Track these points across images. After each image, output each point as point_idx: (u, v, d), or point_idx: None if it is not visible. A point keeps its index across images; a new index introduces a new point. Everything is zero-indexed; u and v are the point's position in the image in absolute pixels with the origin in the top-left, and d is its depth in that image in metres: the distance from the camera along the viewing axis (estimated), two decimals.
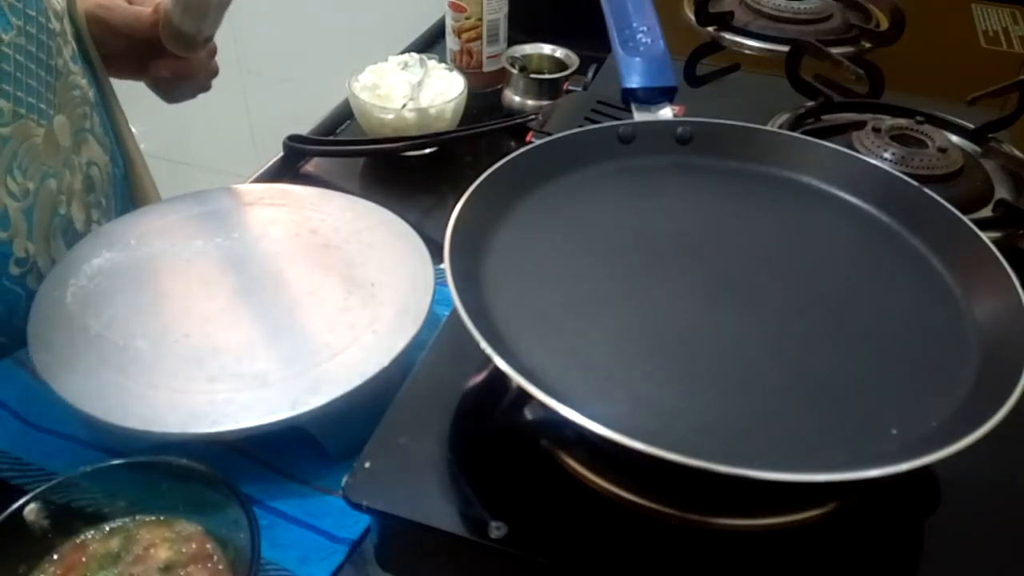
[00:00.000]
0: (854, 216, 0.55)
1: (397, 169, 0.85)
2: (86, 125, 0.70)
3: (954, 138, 0.75)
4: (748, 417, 0.43)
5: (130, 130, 0.80)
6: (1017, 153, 0.73)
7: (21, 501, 0.47)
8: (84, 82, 0.70)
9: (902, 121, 0.74)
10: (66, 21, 0.68)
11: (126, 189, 0.79)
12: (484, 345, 0.40)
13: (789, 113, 0.78)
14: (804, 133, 0.68)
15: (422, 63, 0.88)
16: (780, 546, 0.43)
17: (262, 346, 0.56)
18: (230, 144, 1.65)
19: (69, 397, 0.52)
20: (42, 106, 0.63)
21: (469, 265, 0.48)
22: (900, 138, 0.72)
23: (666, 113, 0.66)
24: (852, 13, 1.00)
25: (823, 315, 0.49)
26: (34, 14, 0.62)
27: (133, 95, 0.78)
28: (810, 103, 0.79)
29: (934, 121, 0.76)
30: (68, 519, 0.48)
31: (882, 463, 0.37)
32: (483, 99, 0.96)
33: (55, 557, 0.47)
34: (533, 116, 0.83)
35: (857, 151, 0.68)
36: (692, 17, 0.97)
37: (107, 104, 0.76)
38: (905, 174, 0.55)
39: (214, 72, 0.76)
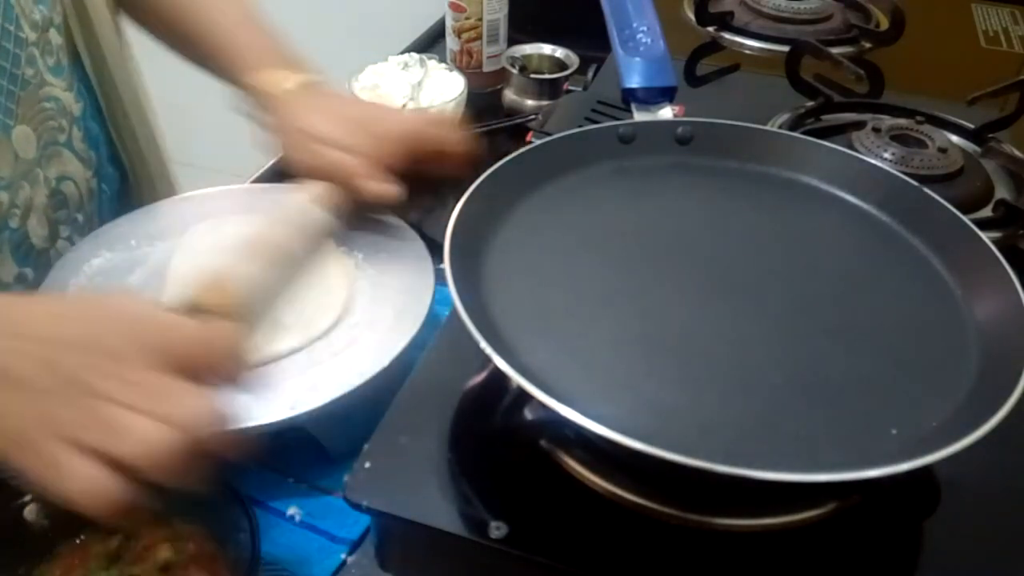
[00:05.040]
0: (854, 216, 0.55)
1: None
2: (60, 139, 0.67)
3: (954, 138, 0.75)
4: (748, 417, 0.43)
5: (155, 144, 0.78)
6: (1017, 153, 0.73)
7: (21, 501, 0.47)
8: (66, 95, 0.68)
9: (902, 121, 0.74)
10: (52, 32, 0.67)
11: (118, 208, 0.76)
12: (484, 345, 0.40)
13: (789, 113, 0.78)
14: (804, 133, 0.68)
15: (422, 63, 0.88)
16: (780, 546, 0.43)
17: (262, 346, 0.56)
18: (230, 144, 1.65)
19: None
20: None
21: (469, 265, 0.48)
22: (900, 138, 0.72)
23: (666, 113, 0.66)
24: (852, 13, 1.00)
25: (823, 315, 0.49)
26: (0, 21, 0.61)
27: None
28: (810, 103, 0.79)
29: (934, 121, 0.75)
30: (68, 519, 0.48)
31: (882, 463, 0.37)
32: (483, 99, 0.95)
33: (55, 557, 0.47)
34: (533, 116, 0.83)
35: (857, 151, 0.68)
36: (692, 17, 0.97)
37: (113, 119, 0.74)
38: (905, 174, 0.55)
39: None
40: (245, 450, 0.40)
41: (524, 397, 0.48)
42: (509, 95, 0.94)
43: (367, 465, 0.46)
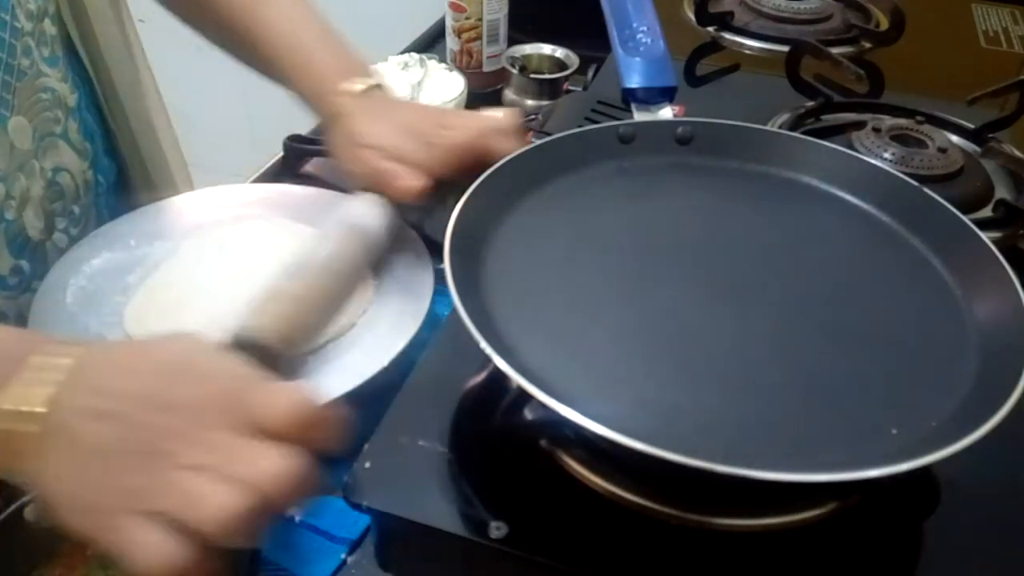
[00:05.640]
0: (854, 216, 0.55)
1: None
2: (55, 130, 0.67)
3: (954, 138, 0.75)
4: (748, 417, 0.43)
5: (155, 141, 0.78)
6: (1017, 153, 0.73)
7: (21, 501, 0.47)
8: (61, 86, 0.68)
9: (902, 121, 0.74)
10: (47, 22, 0.66)
11: (115, 200, 0.76)
12: (484, 345, 0.40)
13: (789, 113, 0.78)
14: (804, 133, 0.68)
15: (422, 63, 0.88)
16: (780, 546, 0.43)
17: None
18: (230, 144, 1.65)
19: None
20: None
21: (469, 265, 0.48)
22: (900, 138, 0.72)
23: (666, 113, 0.66)
24: (852, 13, 1.00)
25: (823, 315, 0.48)
26: None
27: None
28: (810, 103, 0.79)
29: (934, 121, 0.75)
30: None
31: (882, 463, 0.37)
32: (483, 99, 0.95)
33: (55, 557, 0.47)
34: (533, 116, 0.83)
35: (857, 151, 0.68)
36: (692, 17, 0.97)
37: (111, 111, 0.74)
38: (905, 174, 0.55)
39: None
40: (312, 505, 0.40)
41: (524, 397, 0.48)
42: (509, 95, 0.94)
43: (367, 465, 0.46)
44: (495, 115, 0.61)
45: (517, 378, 0.39)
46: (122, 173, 0.77)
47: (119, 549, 0.36)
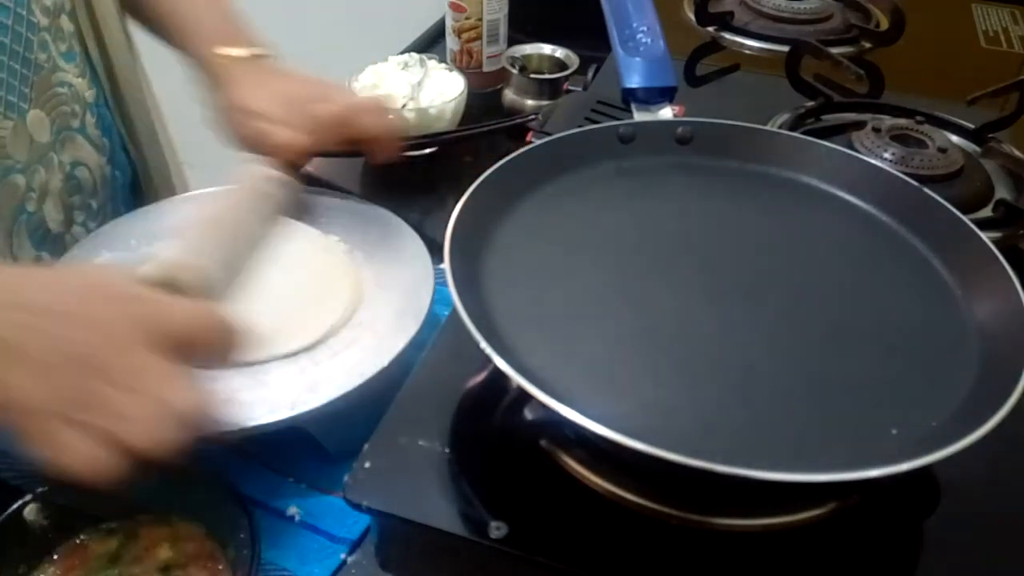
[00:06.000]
0: (854, 216, 0.55)
1: (397, 169, 0.85)
2: (73, 124, 0.68)
3: (954, 138, 0.75)
4: (748, 417, 0.43)
5: (156, 139, 0.79)
6: (1017, 153, 0.73)
7: (21, 501, 0.47)
8: (79, 81, 0.68)
9: (902, 121, 0.74)
10: (64, 19, 0.67)
11: (131, 196, 0.77)
12: (484, 345, 0.40)
13: (789, 113, 0.78)
14: (804, 133, 0.68)
15: (422, 63, 0.88)
16: (780, 546, 0.43)
17: (262, 346, 0.56)
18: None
19: None
20: (11, 98, 0.62)
21: (469, 265, 0.48)
22: (900, 138, 0.72)
23: (666, 113, 0.66)
24: (852, 13, 1.00)
25: (823, 315, 0.48)
26: (11, 5, 0.61)
27: None
28: (810, 103, 0.79)
29: (934, 121, 0.75)
30: (68, 519, 0.48)
31: (882, 463, 0.37)
32: (483, 99, 0.95)
33: (55, 557, 0.47)
34: (533, 116, 0.83)
35: (857, 151, 0.68)
36: (692, 17, 0.97)
37: (119, 109, 0.74)
38: (905, 174, 0.55)
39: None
40: (232, 434, 0.44)
41: (524, 397, 0.48)
42: (509, 95, 0.94)
43: (367, 465, 0.46)
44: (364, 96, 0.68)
45: (517, 378, 0.39)
46: (136, 170, 0.78)
47: (48, 452, 0.39)
